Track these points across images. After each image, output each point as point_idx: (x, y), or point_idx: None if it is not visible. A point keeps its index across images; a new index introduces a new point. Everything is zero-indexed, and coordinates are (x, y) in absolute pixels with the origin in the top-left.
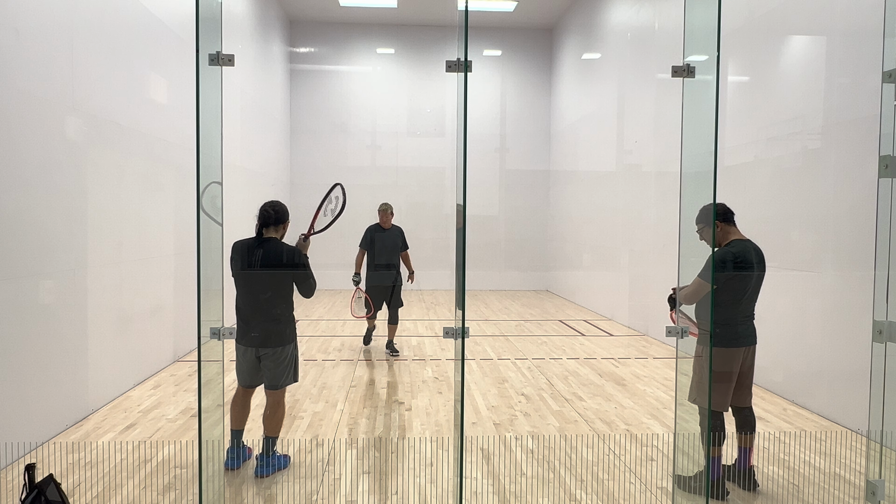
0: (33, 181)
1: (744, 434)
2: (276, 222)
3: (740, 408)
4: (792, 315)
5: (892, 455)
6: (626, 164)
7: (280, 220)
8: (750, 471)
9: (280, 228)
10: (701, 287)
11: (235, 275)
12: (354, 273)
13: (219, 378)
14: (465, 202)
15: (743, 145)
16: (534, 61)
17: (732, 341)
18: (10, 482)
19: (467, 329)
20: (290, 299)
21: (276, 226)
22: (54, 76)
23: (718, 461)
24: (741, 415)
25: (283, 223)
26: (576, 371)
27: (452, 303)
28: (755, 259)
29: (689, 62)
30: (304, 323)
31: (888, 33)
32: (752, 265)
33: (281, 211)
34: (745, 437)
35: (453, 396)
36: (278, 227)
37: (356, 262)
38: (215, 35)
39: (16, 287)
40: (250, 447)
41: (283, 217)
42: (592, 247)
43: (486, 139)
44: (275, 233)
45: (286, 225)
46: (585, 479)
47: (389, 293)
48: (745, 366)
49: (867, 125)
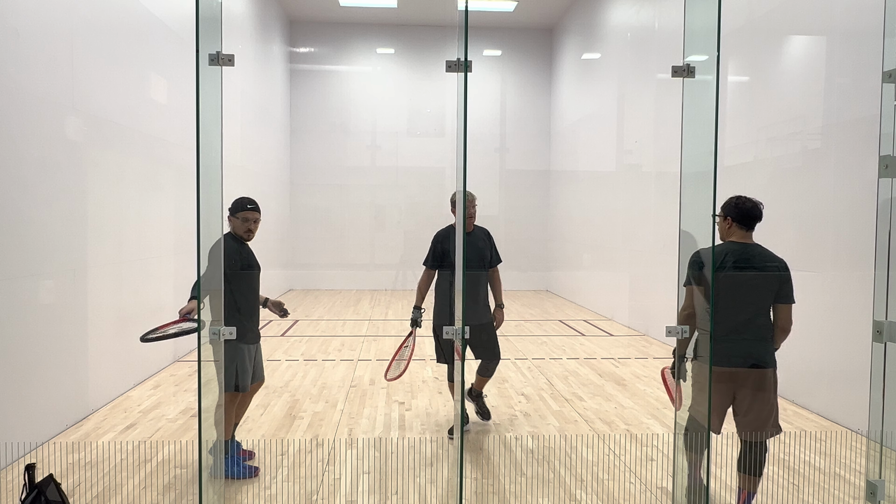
0: (33, 181)
1: (743, 473)
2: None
3: (747, 441)
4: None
5: (892, 455)
6: (626, 164)
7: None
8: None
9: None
10: (688, 297)
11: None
12: (415, 306)
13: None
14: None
15: (743, 145)
16: (534, 61)
17: (712, 357)
18: (10, 482)
19: (467, 329)
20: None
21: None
22: (54, 76)
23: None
24: (745, 449)
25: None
26: (576, 371)
27: None
28: (743, 264)
29: (689, 62)
30: (305, 323)
31: (888, 33)
32: (738, 269)
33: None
34: (745, 478)
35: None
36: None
37: (420, 291)
38: (215, 35)
39: (16, 287)
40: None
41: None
42: (592, 247)
43: (486, 139)
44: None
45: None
46: (585, 479)
47: (479, 335)
48: (744, 391)
49: (867, 125)
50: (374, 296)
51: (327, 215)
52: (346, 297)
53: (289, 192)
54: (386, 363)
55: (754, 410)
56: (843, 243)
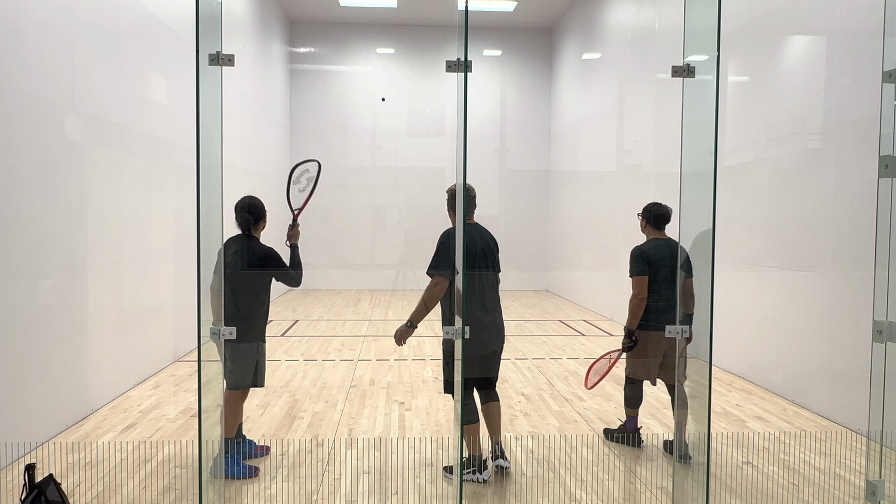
0: (33, 181)
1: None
2: (256, 221)
3: (671, 385)
4: (792, 315)
5: (892, 455)
6: (626, 164)
7: (259, 217)
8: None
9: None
10: (635, 285)
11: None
12: (410, 323)
13: (219, 378)
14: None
15: (743, 145)
16: (534, 61)
17: (656, 324)
18: (10, 482)
19: (467, 329)
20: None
21: (256, 224)
22: (54, 76)
23: (635, 420)
24: (673, 393)
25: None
26: (576, 371)
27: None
28: (668, 254)
29: (689, 62)
30: (304, 323)
31: (888, 33)
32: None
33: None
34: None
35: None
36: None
37: (430, 304)
38: (215, 35)
39: (16, 287)
40: (259, 445)
41: (261, 214)
42: (592, 247)
43: (486, 139)
44: (255, 231)
45: (264, 222)
46: (585, 479)
47: (489, 360)
48: (673, 346)
49: (867, 125)
50: (374, 296)
51: (327, 215)
52: (346, 297)
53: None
54: (386, 363)
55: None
56: (843, 243)
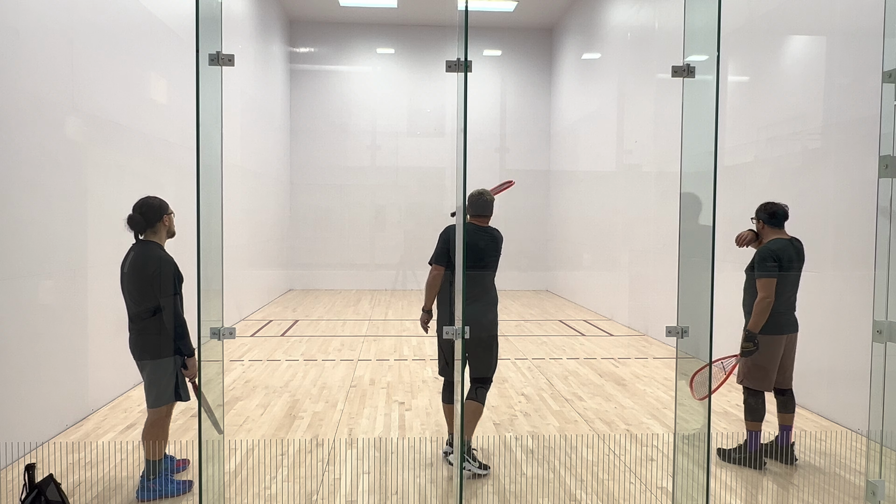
0: (33, 181)
1: (785, 413)
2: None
3: (782, 389)
4: None
5: (892, 455)
6: (626, 164)
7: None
8: (791, 447)
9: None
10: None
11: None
12: (424, 308)
13: (219, 378)
14: (465, 202)
15: (743, 145)
16: (534, 61)
17: (776, 329)
18: (10, 482)
19: (467, 329)
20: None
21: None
22: (54, 76)
23: (758, 436)
24: (783, 396)
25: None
26: (576, 371)
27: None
28: (794, 255)
29: (689, 62)
30: (304, 323)
31: (888, 33)
32: (791, 261)
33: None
34: (786, 417)
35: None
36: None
37: (430, 290)
38: (215, 35)
39: (16, 287)
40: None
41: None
42: (592, 247)
43: (486, 139)
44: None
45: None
46: (585, 479)
47: (483, 348)
48: (787, 351)
49: (867, 125)
50: (374, 296)
51: (327, 215)
52: (346, 297)
53: (289, 192)
54: (386, 363)
55: (790, 364)
56: (843, 243)
